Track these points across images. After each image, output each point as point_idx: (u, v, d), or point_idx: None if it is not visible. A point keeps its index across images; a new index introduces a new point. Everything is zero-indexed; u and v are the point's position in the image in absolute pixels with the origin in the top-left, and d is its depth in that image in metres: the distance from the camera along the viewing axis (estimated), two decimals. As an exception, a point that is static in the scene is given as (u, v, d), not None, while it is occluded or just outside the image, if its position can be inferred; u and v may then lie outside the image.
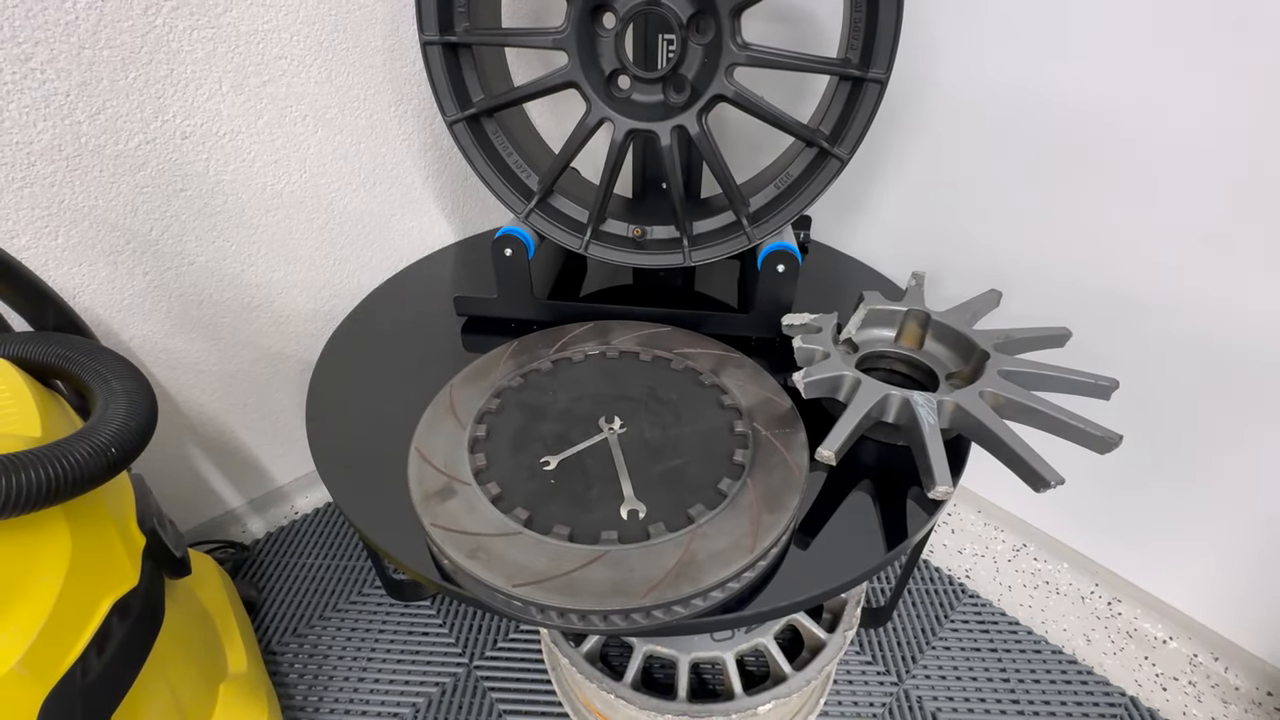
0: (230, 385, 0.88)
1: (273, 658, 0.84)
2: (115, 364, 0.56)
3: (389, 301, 0.85)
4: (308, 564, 0.95)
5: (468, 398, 0.61)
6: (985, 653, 0.83)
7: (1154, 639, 0.86)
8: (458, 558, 0.47)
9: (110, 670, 0.47)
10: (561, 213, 0.76)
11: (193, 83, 0.69)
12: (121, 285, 0.73)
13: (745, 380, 0.64)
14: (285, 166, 0.79)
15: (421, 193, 0.93)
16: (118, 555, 0.50)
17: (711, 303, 0.85)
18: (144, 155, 0.69)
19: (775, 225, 0.71)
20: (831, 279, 0.88)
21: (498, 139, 0.73)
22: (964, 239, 0.85)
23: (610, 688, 0.61)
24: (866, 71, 0.62)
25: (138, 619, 0.51)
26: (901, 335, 0.70)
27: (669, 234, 0.76)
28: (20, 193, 0.64)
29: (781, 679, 0.63)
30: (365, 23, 0.77)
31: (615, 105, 0.67)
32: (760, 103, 0.64)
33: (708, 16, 0.63)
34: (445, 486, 0.53)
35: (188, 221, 0.75)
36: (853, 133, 0.65)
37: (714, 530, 0.49)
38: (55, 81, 0.61)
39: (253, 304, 0.85)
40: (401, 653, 0.84)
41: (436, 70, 0.67)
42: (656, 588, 0.45)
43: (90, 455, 0.45)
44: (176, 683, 0.57)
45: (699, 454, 0.57)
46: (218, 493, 0.95)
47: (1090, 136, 0.69)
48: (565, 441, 0.58)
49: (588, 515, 0.51)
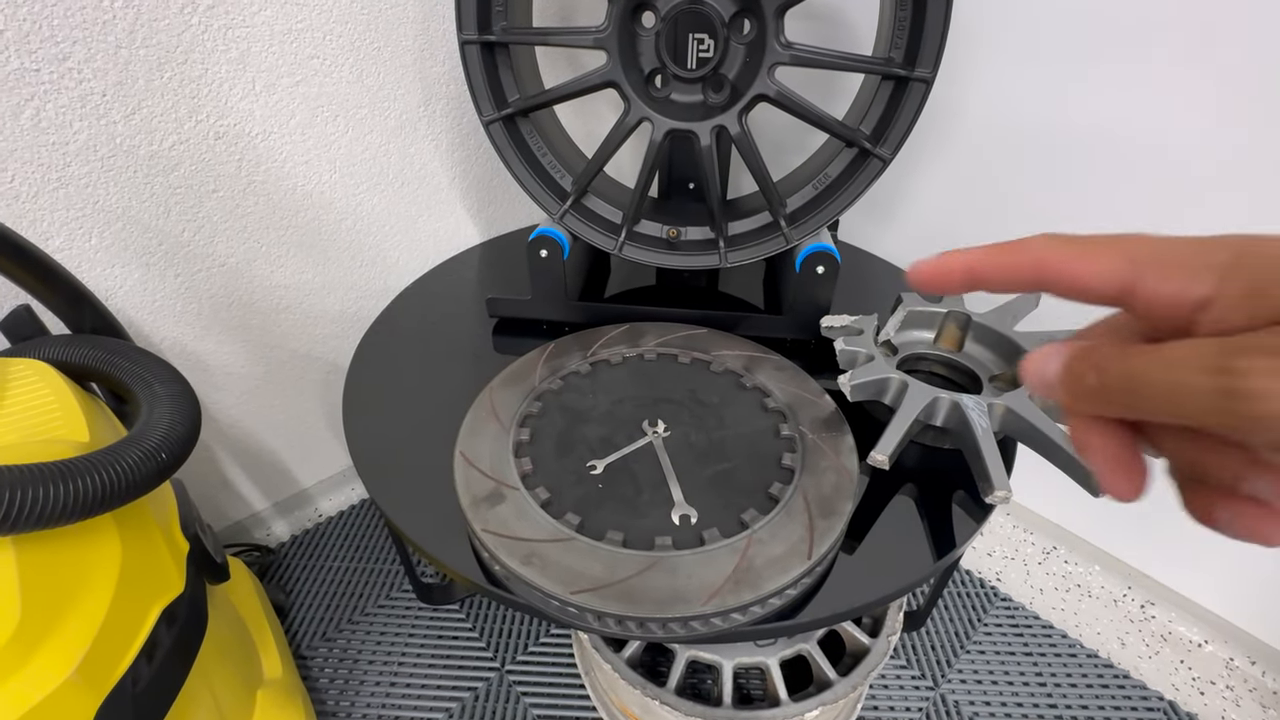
0: (258, 387, 0.88)
1: (303, 662, 0.83)
2: (157, 367, 0.55)
3: (418, 303, 0.84)
4: (334, 567, 0.95)
5: (508, 401, 0.61)
6: (1020, 656, 0.83)
7: (1189, 642, 0.85)
8: (511, 564, 0.46)
9: (159, 677, 0.47)
10: (595, 213, 0.75)
11: (226, 82, 0.68)
12: (154, 287, 0.73)
13: (786, 382, 0.64)
14: (316, 167, 0.78)
15: (448, 193, 0.93)
16: (164, 562, 0.50)
17: (740, 304, 0.84)
18: (177, 156, 0.68)
19: (814, 226, 0.70)
20: (860, 280, 0.88)
21: (533, 139, 0.72)
22: (995, 240, 0.84)
23: (654, 694, 0.61)
24: (912, 71, 0.61)
25: (184, 626, 0.50)
26: (940, 337, 0.69)
27: (704, 235, 0.75)
28: (55, 194, 0.63)
29: (826, 685, 0.62)
30: (397, 21, 0.77)
31: (654, 105, 0.66)
32: (803, 102, 0.63)
33: (751, 15, 0.62)
34: (494, 491, 0.52)
35: (219, 223, 0.74)
36: (896, 133, 0.64)
37: (769, 536, 0.49)
38: (92, 81, 0.61)
39: (281, 305, 0.84)
40: (433, 657, 0.83)
41: (474, 70, 0.66)
42: (717, 594, 0.44)
43: (141, 460, 0.44)
44: (219, 689, 0.56)
45: (746, 457, 0.56)
46: (243, 496, 0.95)
47: (1120, 150, 0.69)
48: (610, 445, 0.57)
49: (639, 520, 0.51)
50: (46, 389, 0.49)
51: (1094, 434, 0.20)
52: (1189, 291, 0.18)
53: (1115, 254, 0.19)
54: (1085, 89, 0.69)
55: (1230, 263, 0.18)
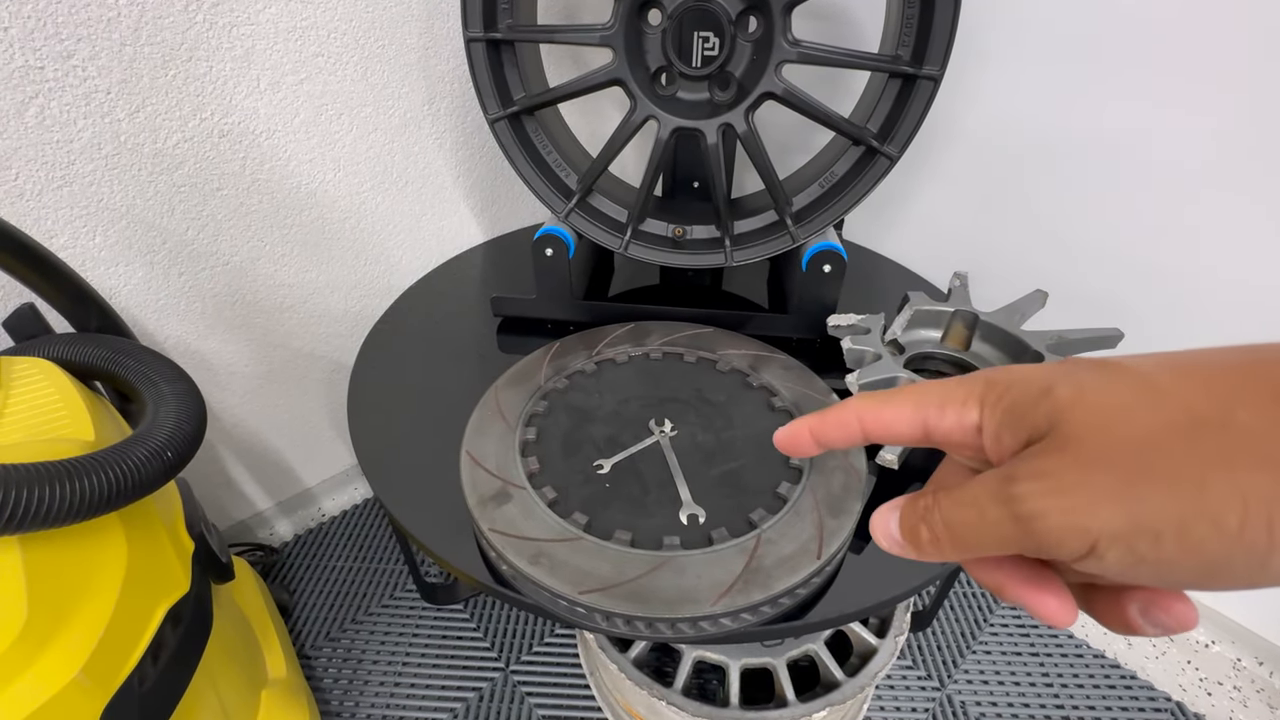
0: (261, 386, 0.87)
1: (307, 662, 0.83)
2: (163, 366, 0.55)
3: (422, 302, 0.84)
4: (337, 567, 0.94)
5: (514, 400, 0.61)
6: (1027, 657, 0.82)
7: (1196, 643, 0.85)
8: (519, 564, 0.46)
9: (165, 678, 0.46)
10: (600, 212, 0.75)
11: (231, 80, 0.68)
12: (157, 286, 0.72)
13: (792, 381, 0.63)
14: (320, 165, 0.78)
15: (452, 192, 0.92)
16: (170, 561, 0.50)
17: (746, 303, 0.84)
18: (181, 154, 0.68)
19: (820, 225, 0.70)
20: (866, 279, 0.87)
21: (538, 138, 0.72)
22: (998, 241, 0.84)
23: (661, 694, 0.61)
24: (920, 69, 0.61)
25: (189, 626, 0.50)
26: (948, 336, 0.69)
27: (709, 234, 0.75)
28: (59, 192, 0.63)
29: (833, 685, 0.62)
30: (401, 19, 0.76)
31: (660, 103, 0.66)
32: (810, 100, 0.63)
33: (758, 13, 0.62)
34: (500, 491, 0.52)
35: (223, 221, 0.74)
36: (903, 131, 0.64)
37: (778, 535, 0.48)
38: (96, 79, 0.60)
39: (285, 304, 0.84)
40: (437, 657, 0.83)
41: (480, 68, 0.66)
42: (726, 594, 0.44)
43: (147, 459, 0.44)
44: (224, 689, 0.56)
45: (754, 457, 0.56)
46: (246, 495, 0.95)
47: (1120, 152, 0.69)
48: (616, 444, 0.57)
49: (647, 520, 0.50)
50: (51, 388, 0.49)
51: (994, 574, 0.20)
52: (965, 420, 0.20)
53: (905, 402, 0.21)
54: (1087, 92, 0.69)
55: (984, 391, 0.20)
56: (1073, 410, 0.17)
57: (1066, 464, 0.17)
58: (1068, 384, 0.18)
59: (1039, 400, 0.18)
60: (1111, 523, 0.16)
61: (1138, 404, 0.17)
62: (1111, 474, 0.16)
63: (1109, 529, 0.16)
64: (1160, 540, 0.15)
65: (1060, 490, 0.17)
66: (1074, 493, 0.16)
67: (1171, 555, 0.15)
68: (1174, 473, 0.15)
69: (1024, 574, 0.20)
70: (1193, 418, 0.16)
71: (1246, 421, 0.15)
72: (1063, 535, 0.16)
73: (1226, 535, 0.15)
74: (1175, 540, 0.15)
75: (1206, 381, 0.16)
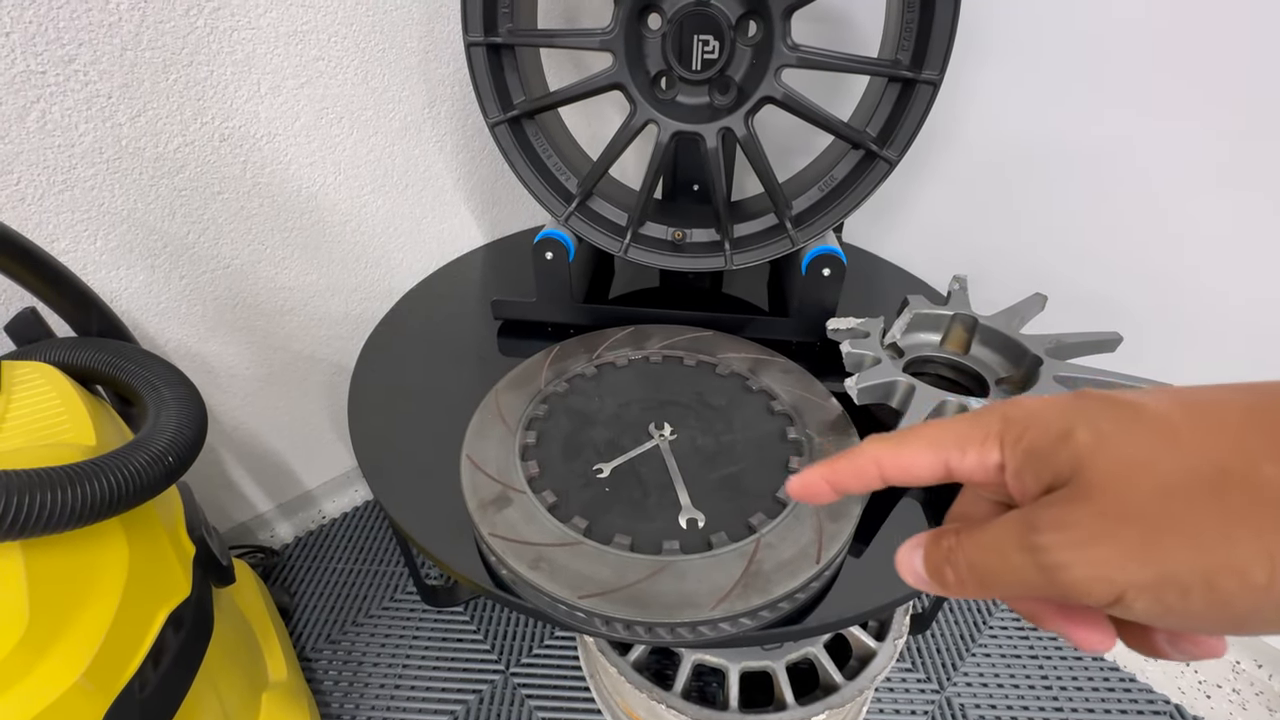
0: (262, 389, 0.87)
1: (307, 664, 0.83)
2: (163, 370, 0.55)
3: (423, 305, 0.84)
4: (338, 569, 0.94)
5: (514, 403, 0.61)
6: (1026, 659, 0.83)
7: (1195, 645, 0.85)
8: (519, 568, 0.46)
9: (166, 681, 0.47)
10: (600, 215, 0.75)
11: (232, 84, 0.68)
12: (158, 289, 0.72)
13: (792, 385, 0.63)
14: (321, 169, 0.78)
15: (453, 195, 0.92)
16: (171, 565, 0.50)
17: (746, 306, 0.84)
18: (183, 158, 0.68)
19: (820, 228, 0.70)
20: (866, 282, 0.87)
21: (538, 141, 0.72)
22: (997, 244, 0.84)
23: (660, 697, 0.61)
24: (919, 73, 0.61)
25: (190, 629, 0.50)
26: (947, 340, 0.69)
27: (709, 237, 0.75)
28: (61, 196, 0.63)
29: (832, 688, 0.62)
30: (402, 23, 0.77)
31: (660, 107, 0.66)
32: (810, 105, 0.63)
33: (758, 17, 0.62)
34: (500, 495, 0.52)
35: (224, 225, 0.74)
36: (902, 135, 0.64)
37: (777, 540, 0.48)
38: (98, 83, 0.61)
39: (286, 307, 0.84)
40: (437, 659, 0.83)
41: (480, 72, 0.66)
42: (725, 599, 0.44)
43: (148, 464, 0.44)
44: (224, 692, 0.56)
45: (753, 461, 0.56)
46: (247, 497, 0.95)
47: (1116, 158, 0.69)
48: (616, 448, 0.57)
49: (647, 524, 0.50)
50: (53, 392, 0.49)
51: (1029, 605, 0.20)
52: (986, 460, 0.20)
53: (923, 445, 0.21)
54: (1087, 97, 0.69)
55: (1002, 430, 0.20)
56: (1094, 459, 0.17)
57: (1091, 514, 0.17)
58: (1087, 429, 0.18)
59: (1058, 445, 0.18)
60: (1138, 576, 0.16)
61: (1159, 453, 0.17)
62: (1137, 526, 0.16)
63: (1136, 581, 0.16)
64: (1188, 594, 0.15)
65: (1085, 542, 0.17)
66: (1099, 545, 0.16)
67: (1199, 608, 0.15)
68: (1200, 527, 0.15)
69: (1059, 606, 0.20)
70: (1217, 469, 0.16)
71: (1272, 476, 0.15)
72: (1089, 586, 0.16)
73: (1254, 590, 0.15)
74: (1202, 594, 0.15)
75: (1224, 427, 0.16)
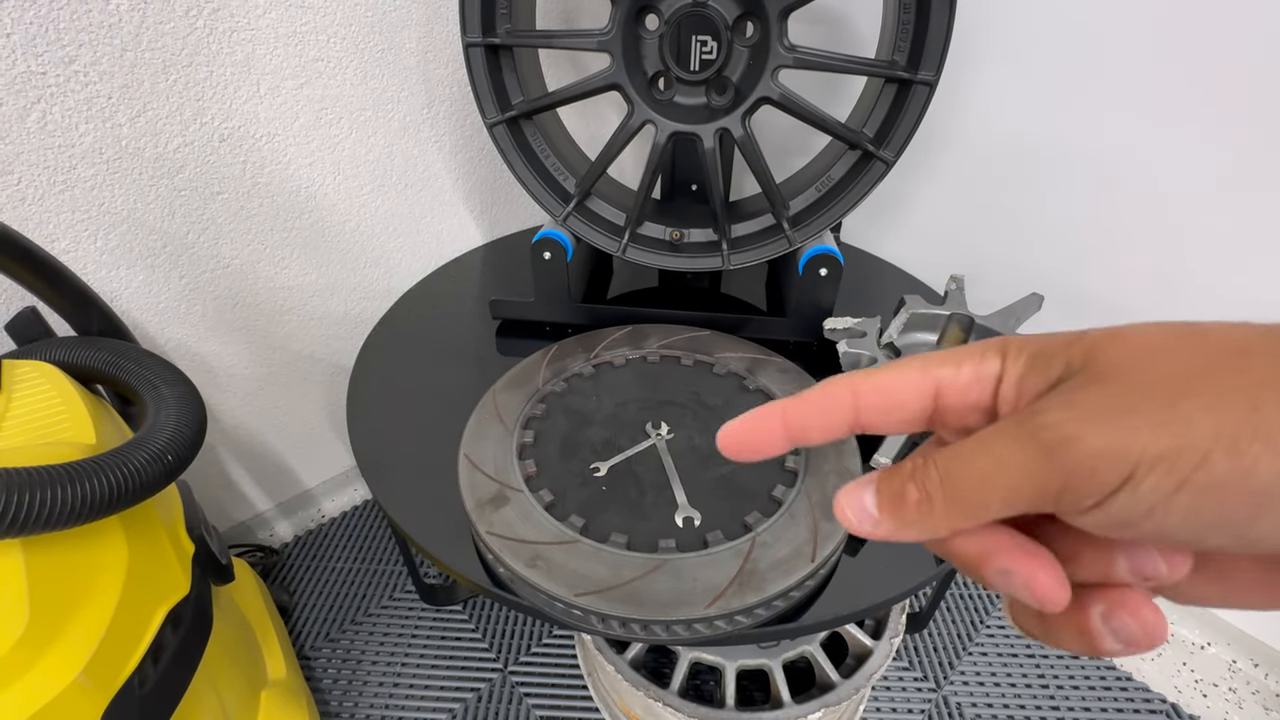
0: (261, 388, 0.88)
1: (306, 663, 0.83)
2: (163, 369, 0.55)
3: (421, 304, 0.84)
4: (337, 568, 0.95)
5: (512, 403, 0.61)
6: (1023, 658, 0.83)
7: (1191, 644, 0.85)
8: (516, 566, 0.47)
9: (165, 679, 0.47)
10: (598, 215, 0.75)
11: (231, 85, 0.68)
12: (158, 289, 0.73)
13: (789, 385, 0.64)
14: (320, 169, 0.78)
15: (451, 195, 0.93)
16: (170, 563, 0.50)
17: (743, 306, 0.84)
18: (182, 158, 0.68)
19: (817, 228, 0.70)
20: (863, 282, 0.88)
21: (536, 141, 0.72)
22: (994, 244, 0.84)
23: (657, 695, 0.61)
24: (915, 74, 0.61)
25: (189, 627, 0.50)
26: (944, 339, 0.69)
27: (706, 237, 0.75)
28: (61, 196, 0.63)
29: (829, 686, 0.62)
30: (401, 24, 0.77)
31: (658, 108, 0.66)
32: (807, 105, 0.63)
33: (755, 18, 0.62)
34: (498, 494, 0.52)
35: (224, 224, 0.74)
36: (899, 135, 0.64)
37: (773, 538, 0.49)
38: (98, 84, 0.61)
39: (285, 307, 0.84)
40: (436, 658, 0.84)
41: (478, 72, 0.66)
42: (721, 597, 0.45)
43: (148, 463, 0.44)
44: (223, 691, 0.56)
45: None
46: (246, 496, 0.95)
47: (1112, 159, 0.69)
48: (613, 447, 0.57)
49: (643, 523, 0.51)
50: (53, 391, 0.49)
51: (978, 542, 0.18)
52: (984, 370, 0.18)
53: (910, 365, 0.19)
54: (1083, 96, 0.69)
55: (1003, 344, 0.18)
56: (1109, 347, 0.16)
57: (1105, 393, 0.15)
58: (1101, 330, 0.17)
59: (1070, 343, 0.17)
60: (1155, 444, 0.14)
61: (1180, 342, 0.16)
62: (1155, 399, 0.15)
63: (1151, 450, 0.14)
64: (1208, 461, 0.14)
65: (1098, 416, 0.15)
66: (1114, 417, 0.15)
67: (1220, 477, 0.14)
68: (1222, 394, 0.14)
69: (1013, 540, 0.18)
70: (1241, 350, 0.15)
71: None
72: (1097, 462, 0.15)
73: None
74: (1226, 459, 0.14)
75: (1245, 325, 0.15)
